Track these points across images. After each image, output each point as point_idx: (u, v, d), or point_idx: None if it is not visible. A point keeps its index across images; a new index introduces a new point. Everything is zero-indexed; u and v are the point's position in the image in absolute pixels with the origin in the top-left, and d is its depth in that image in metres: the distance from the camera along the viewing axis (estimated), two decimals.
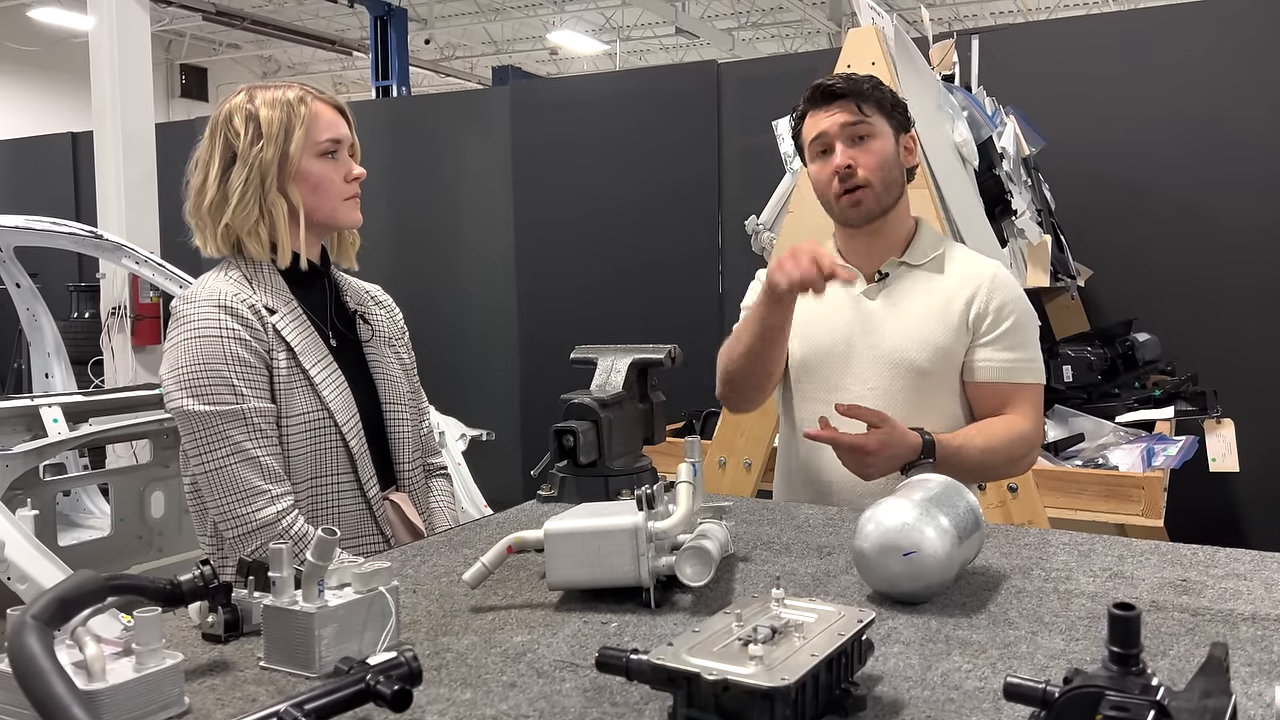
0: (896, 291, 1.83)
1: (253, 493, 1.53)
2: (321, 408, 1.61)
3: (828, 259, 1.55)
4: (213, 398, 1.53)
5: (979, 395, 1.80)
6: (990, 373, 1.78)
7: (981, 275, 1.81)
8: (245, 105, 1.63)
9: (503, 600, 1.18)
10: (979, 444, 1.72)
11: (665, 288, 5.11)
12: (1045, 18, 12.58)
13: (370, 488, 1.66)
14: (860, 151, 1.78)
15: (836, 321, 1.84)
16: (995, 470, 1.86)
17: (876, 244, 1.86)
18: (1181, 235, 4.02)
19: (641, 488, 1.17)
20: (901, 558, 1.12)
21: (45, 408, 3.20)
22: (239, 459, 1.53)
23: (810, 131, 1.83)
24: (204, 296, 1.58)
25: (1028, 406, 1.79)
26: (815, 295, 1.59)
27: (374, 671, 0.82)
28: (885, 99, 1.82)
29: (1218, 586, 1.20)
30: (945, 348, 1.78)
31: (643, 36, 15.56)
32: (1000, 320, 1.78)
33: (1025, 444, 1.78)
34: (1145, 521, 2.63)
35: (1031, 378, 1.80)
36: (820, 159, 1.82)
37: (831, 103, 1.80)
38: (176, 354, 1.55)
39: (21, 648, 0.78)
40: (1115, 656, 0.73)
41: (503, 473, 4.57)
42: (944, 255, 1.85)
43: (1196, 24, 4.12)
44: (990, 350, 1.78)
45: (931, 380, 1.78)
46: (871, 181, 1.78)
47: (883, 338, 1.80)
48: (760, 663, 0.78)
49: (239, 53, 16.66)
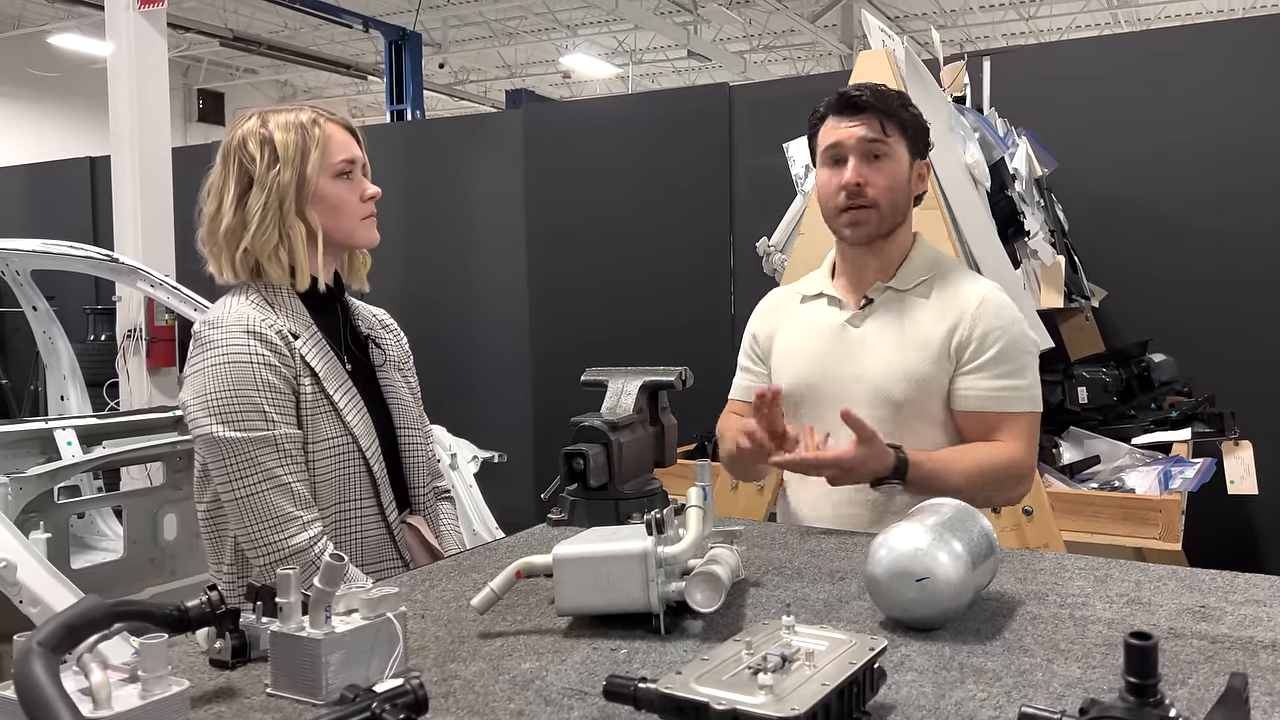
0: (880, 319, 1.80)
1: (285, 519, 1.53)
2: (345, 433, 1.61)
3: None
4: (244, 424, 1.52)
5: (965, 423, 1.76)
6: (973, 401, 1.74)
7: (967, 301, 1.77)
8: (259, 130, 1.64)
9: (511, 626, 1.17)
10: (958, 469, 1.68)
11: (678, 310, 5.11)
12: (1056, 39, 12.61)
13: (391, 512, 1.66)
14: (873, 171, 1.75)
15: (819, 350, 1.83)
16: (977, 496, 1.75)
17: (870, 265, 1.83)
18: (1196, 255, 4.00)
19: (651, 512, 1.16)
20: (915, 583, 1.11)
21: (59, 430, 3.22)
22: (270, 485, 1.53)
23: (826, 138, 1.79)
24: (230, 321, 1.57)
25: (1016, 434, 1.74)
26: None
27: (380, 700, 0.81)
28: (909, 122, 1.78)
29: (1237, 613, 1.18)
30: (925, 378, 1.74)
31: (655, 60, 15.64)
32: (984, 348, 1.74)
33: (1010, 470, 1.74)
34: (1163, 545, 2.60)
35: (1020, 406, 1.75)
36: (831, 167, 1.79)
37: (855, 114, 1.75)
38: (204, 379, 1.54)
39: (28, 675, 0.77)
40: (1132, 687, 0.72)
41: (514, 494, 4.55)
42: (933, 280, 1.81)
43: (1209, 45, 4.12)
44: (973, 378, 1.74)
45: (908, 411, 1.75)
46: (879, 203, 1.75)
47: (863, 368, 1.78)
48: (770, 692, 0.77)
49: (256, 78, 16.83)
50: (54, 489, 3.13)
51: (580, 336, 5.35)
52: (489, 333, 5.80)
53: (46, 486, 2.89)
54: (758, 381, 1.94)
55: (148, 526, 3.38)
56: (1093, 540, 2.64)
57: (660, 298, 5.18)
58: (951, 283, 1.81)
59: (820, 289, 1.90)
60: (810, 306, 1.91)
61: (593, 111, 6.20)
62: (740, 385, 2.00)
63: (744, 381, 1.99)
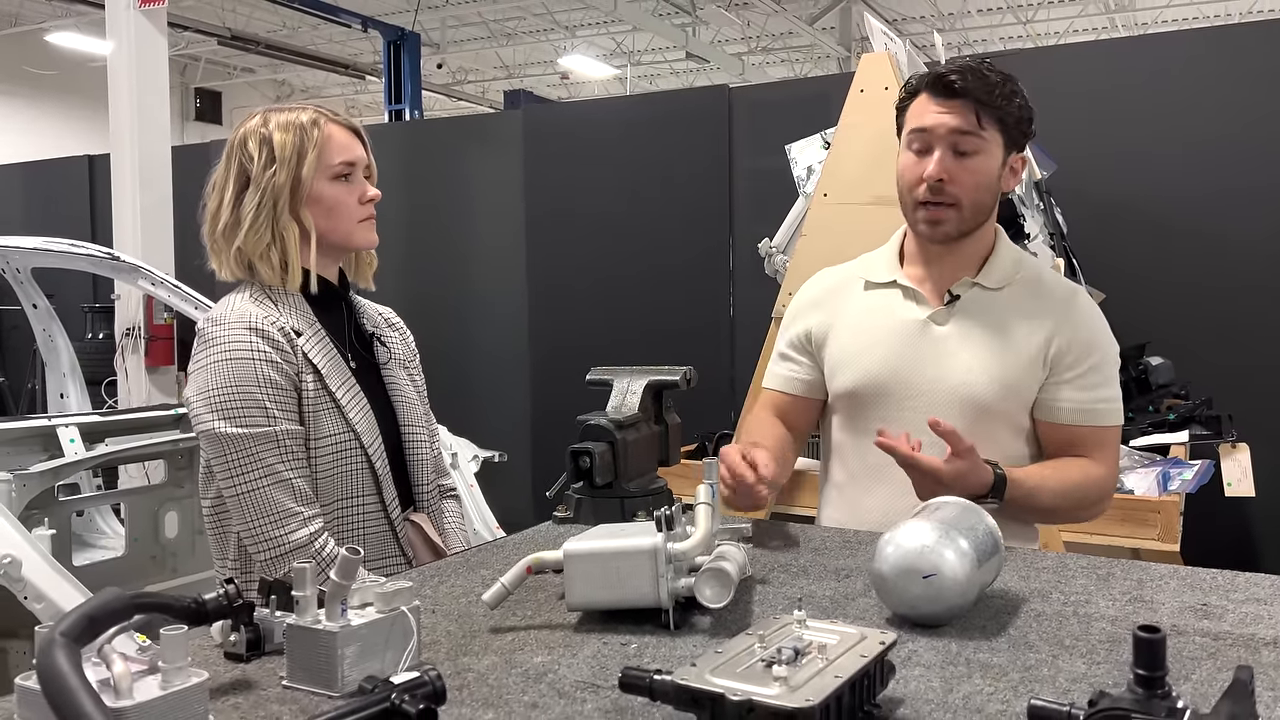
0: (967, 318, 1.65)
1: (286, 515, 1.53)
2: (348, 429, 1.62)
3: (746, 478, 1.45)
4: (245, 420, 1.53)
5: (1054, 436, 1.65)
6: (1071, 415, 1.63)
7: (1065, 305, 1.66)
8: (259, 129, 1.64)
9: (522, 621, 1.19)
10: (1052, 487, 1.59)
11: (676, 311, 5.13)
12: (1053, 43, 12.65)
13: (393, 509, 1.67)
14: (960, 167, 1.59)
15: (896, 349, 1.67)
16: (1066, 515, 1.72)
17: (949, 260, 1.68)
18: (1194, 258, 4.02)
19: (660, 509, 1.17)
20: (921, 580, 1.12)
21: (62, 428, 3.22)
22: (271, 481, 1.53)
23: (914, 119, 1.63)
24: (233, 318, 1.59)
25: (1106, 450, 1.65)
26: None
27: (399, 690, 0.83)
28: (1010, 113, 1.60)
29: (1238, 611, 1.19)
30: (1016, 384, 1.62)
31: (653, 61, 15.67)
32: (1084, 357, 1.63)
33: (1099, 490, 1.65)
34: (1161, 546, 2.62)
35: (1113, 420, 1.65)
36: (914, 152, 1.63)
37: (949, 98, 1.58)
38: (206, 376, 1.56)
39: (51, 665, 0.78)
40: (1141, 679, 0.73)
41: (513, 494, 4.57)
42: (1023, 278, 1.68)
43: (1206, 50, 4.14)
44: (1072, 390, 1.63)
45: (996, 417, 1.63)
46: (961, 202, 1.61)
47: (949, 369, 1.63)
48: (784, 684, 0.78)
49: (253, 76, 16.82)
50: (55, 486, 3.14)
51: (579, 337, 5.36)
52: (487, 333, 5.81)
53: (50, 483, 2.90)
54: (801, 374, 1.79)
55: (149, 524, 3.39)
56: (1092, 541, 2.65)
57: (659, 299, 5.19)
58: (1044, 284, 1.70)
59: (892, 277, 1.73)
60: (878, 295, 1.74)
61: (592, 112, 6.21)
62: (780, 375, 1.81)
63: (785, 372, 1.81)
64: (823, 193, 2.97)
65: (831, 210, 2.92)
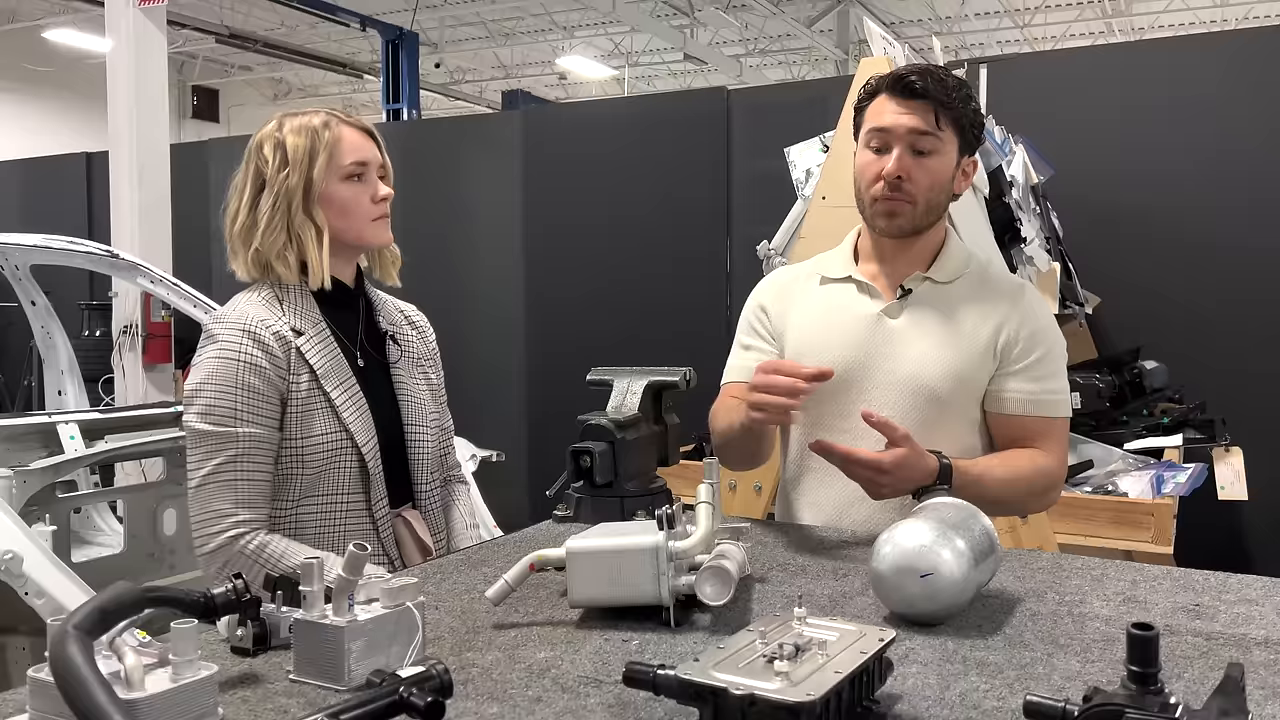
0: (919, 311, 1.71)
1: (219, 515, 1.57)
2: (341, 429, 1.65)
3: (804, 377, 1.46)
4: (213, 418, 1.58)
5: (1003, 427, 1.69)
6: (1019, 405, 1.67)
7: (1013, 298, 1.71)
8: (275, 133, 1.69)
9: (524, 617, 1.20)
10: (999, 475, 1.62)
11: (674, 311, 5.14)
12: (1050, 48, 12.69)
13: (379, 509, 1.69)
14: (917, 165, 1.64)
15: (852, 341, 1.71)
16: (1014, 504, 1.75)
17: (902, 257, 1.74)
18: (1189, 263, 4.05)
19: (660, 508, 1.19)
20: (919, 579, 1.14)
21: (62, 424, 3.23)
22: (215, 480, 1.58)
23: (873, 119, 1.68)
24: (233, 319, 1.63)
25: (1053, 441, 1.68)
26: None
27: (406, 683, 0.84)
28: (965, 117, 1.66)
29: (1230, 611, 1.21)
30: (966, 375, 1.67)
31: (651, 62, 15.69)
32: (1031, 349, 1.67)
33: (1047, 479, 1.68)
34: (1154, 548, 2.64)
35: (1060, 411, 1.69)
36: (871, 151, 1.68)
37: (909, 99, 1.63)
38: (200, 371, 1.62)
39: (64, 657, 0.79)
40: (1134, 675, 0.75)
41: (510, 494, 4.57)
42: (972, 273, 1.74)
43: (1203, 55, 4.17)
44: (1020, 381, 1.67)
45: (948, 409, 1.67)
46: (917, 199, 1.66)
47: (901, 360, 1.68)
48: (786, 678, 0.80)
49: (251, 75, 16.81)
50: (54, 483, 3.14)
51: (575, 337, 5.37)
52: (485, 334, 5.81)
53: (50, 480, 2.90)
54: (765, 360, 1.76)
55: (147, 521, 3.40)
56: (1086, 543, 2.67)
57: (656, 300, 5.21)
58: (991, 278, 1.75)
59: (847, 272, 1.78)
60: (833, 290, 1.79)
61: (591, 113, 6.23)
62: (742, 366, 1.82)
63: (747, 362, 1.80)
64: (821, 196, 2.98)
65: (830, 213, 2.93)
